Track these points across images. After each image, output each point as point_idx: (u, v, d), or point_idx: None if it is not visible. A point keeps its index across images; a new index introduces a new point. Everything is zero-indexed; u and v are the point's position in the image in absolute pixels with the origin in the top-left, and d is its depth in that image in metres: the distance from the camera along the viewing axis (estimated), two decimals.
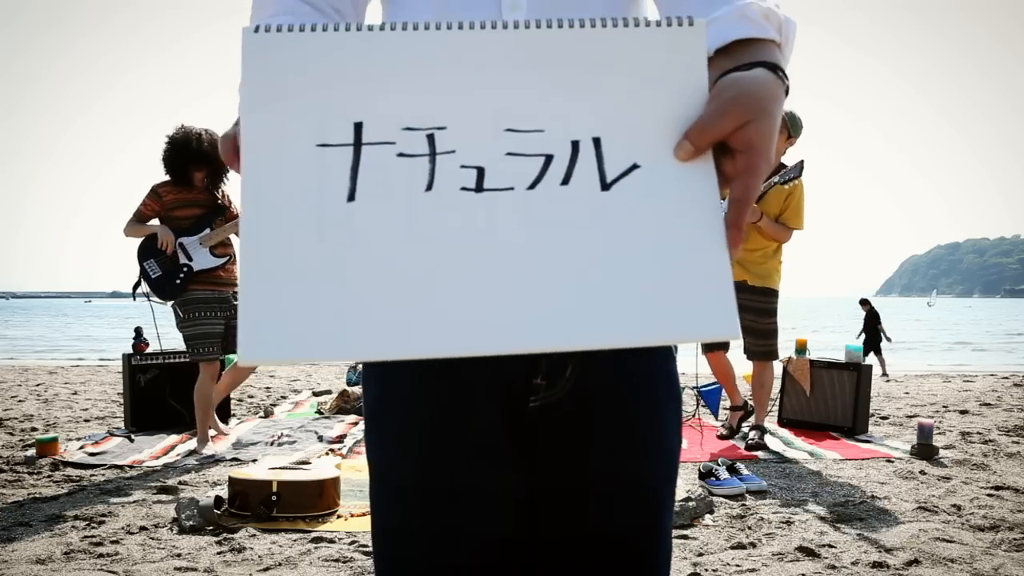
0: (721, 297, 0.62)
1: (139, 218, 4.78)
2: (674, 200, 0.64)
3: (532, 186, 0.63)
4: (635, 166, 0.64)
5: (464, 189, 0.63)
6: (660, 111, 0.65)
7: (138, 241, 4.80)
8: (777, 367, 5.69)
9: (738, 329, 0.62)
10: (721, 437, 5.29)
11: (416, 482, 0.88)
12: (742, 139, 0.64)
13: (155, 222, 4.79)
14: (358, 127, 0.63)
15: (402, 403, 0.89)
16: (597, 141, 0.64)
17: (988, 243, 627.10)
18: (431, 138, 0.63)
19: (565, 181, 0.63)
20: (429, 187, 0.62)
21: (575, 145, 0.64)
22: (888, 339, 10.87)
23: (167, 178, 4.82)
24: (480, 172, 0.63)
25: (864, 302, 10.18)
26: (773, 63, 0.69)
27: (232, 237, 4.85)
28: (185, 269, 4.72)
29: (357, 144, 0.63)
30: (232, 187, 5.05)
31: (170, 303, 4.79)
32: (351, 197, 0.62)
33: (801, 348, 5.75)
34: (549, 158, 0.64)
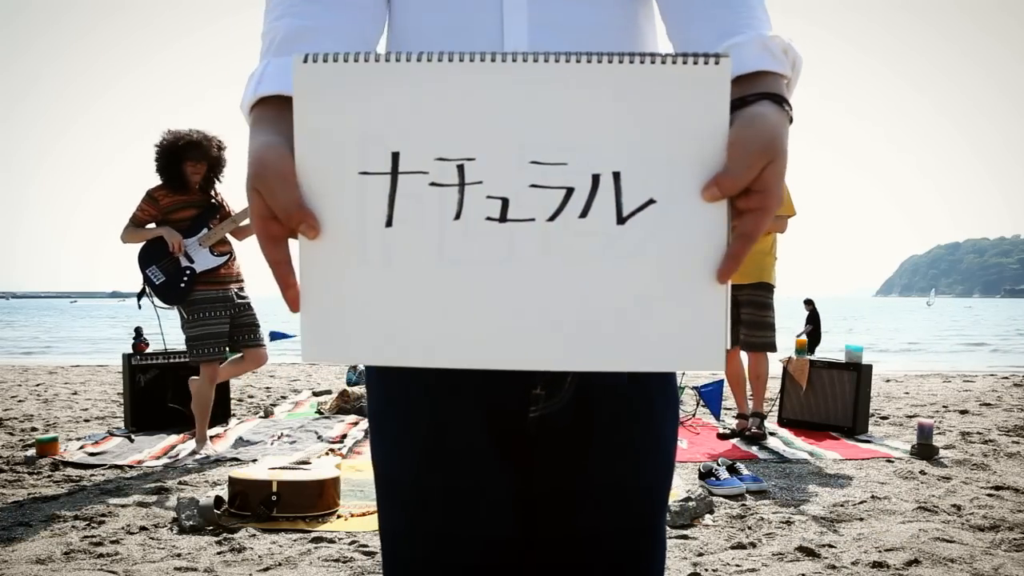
0: (712, 333, 0.69)
1: (136, 223, 4.74)
2: (684, 236, 0.68)
3: (552, 218, 0.69)
4: (651, 201, 0.68)
5: (489, 219, 0.69)
6: (681, 147, 0.68)
7: (136, 247, 4.78)
8: (778, 367, 5.69)
9: (723, 363, 0.69)
10: (722, 437, 5.30)
11: (416, 485, 0.89)
12: (761, 182, 0.68)
13: (151, 226, 4.77)
14: (395, 156, 0.69)
15: (405, 408, 0.90)
16: (617, 175, 0.68)
17: (988, 243, 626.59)
18: (461, 169, 0.69)
19: (583, 214, 0.68)
20: (457, 216, 0.69)
21: (595, 179, 0.68)
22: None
23: (160, 182, 4.78)
24: (504, 203, 0.69)
25: (808, 302, 10.26)
26: (779, 95, 0.72)
27: (228, 235, 4.83)
28: (188, 272, 4.69)
29: (394, 172, 0.69)
30: (224, 185, 5.02)
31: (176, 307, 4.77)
32: (388, 223, 0.69)
33: (801, 348, 5.75)
34: (570, 191, 0.68)
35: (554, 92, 0.68)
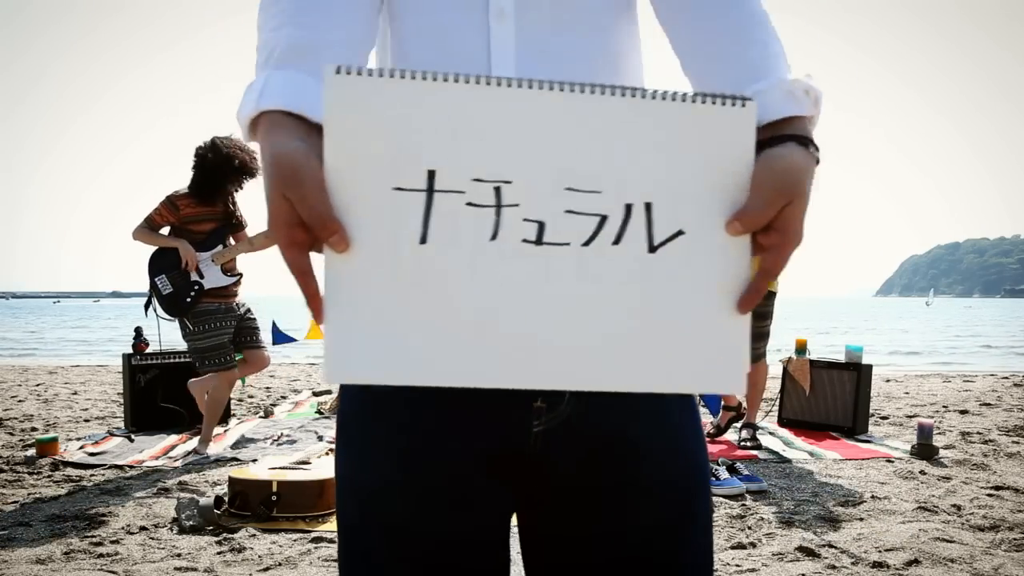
0: (733, 359, 0.72)
1: (151, 225, 4.68)
2: (711, 267, 0.72)
3: (587, 243, 0.70)
4: (680, 232, 0.71)
5: (525, 241, 0.69)
6: (708, 182, 0.71)
7: (143, 246, 4.72)
8: (778, 367, 5.69)
9: (743, 387, 0.73)
10: (709, 436, 5.29)
11: (394, 492, 0.86)
12: (780, 220, 0.72)
13: (165, 231, 4.72)
14: (431, 174, 0.68)
15: (384, 421, 0.87)
16: (649, 206, 0.71)
17: (988, 243, 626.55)
18: (498, 191, 0.69)
19: (616, 241, 0.70)
20: (494, 236, 0.69)
21: (628, 208, 0.70)
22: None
23: (186, 190, 4.68)
24: (541, 226, 0.69)
25: None
26: (805, 137, 0.75)
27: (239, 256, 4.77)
28: (196, 287, 4.64)
29: (430, 190, 0.68)
30: (241, 196, 4.92)
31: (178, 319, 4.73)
32: (423, 240, 0.68)
33: (801, 348, 5.74)
34: (604, 218, 0.70)
35: (591, 122, 0.70)
